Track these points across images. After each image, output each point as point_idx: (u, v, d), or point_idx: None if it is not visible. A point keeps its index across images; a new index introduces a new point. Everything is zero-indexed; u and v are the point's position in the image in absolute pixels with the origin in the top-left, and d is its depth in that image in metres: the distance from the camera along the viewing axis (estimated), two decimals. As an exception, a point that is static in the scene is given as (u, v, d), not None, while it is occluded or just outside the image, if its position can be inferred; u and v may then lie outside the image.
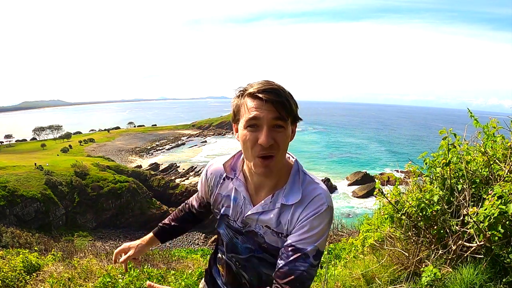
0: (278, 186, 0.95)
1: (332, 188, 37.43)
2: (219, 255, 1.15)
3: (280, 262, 0.89)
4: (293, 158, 0.99)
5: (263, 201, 0.95)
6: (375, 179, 2.47)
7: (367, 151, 63.12)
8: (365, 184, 37.70)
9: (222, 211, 1.05)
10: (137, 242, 1.25)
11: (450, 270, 1.90)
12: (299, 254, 0.87)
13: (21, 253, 3.68)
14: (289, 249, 0.89)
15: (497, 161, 2.03)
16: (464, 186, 2.01)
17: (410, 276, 2.15)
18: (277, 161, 0.89)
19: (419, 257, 2.19)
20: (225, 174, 1.03)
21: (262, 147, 0.85)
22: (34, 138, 72.88)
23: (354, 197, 35.95)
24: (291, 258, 0.87)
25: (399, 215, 2.18)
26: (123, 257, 1.23)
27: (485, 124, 2.19)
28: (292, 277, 0.86)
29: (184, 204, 1.30)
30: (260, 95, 0.85)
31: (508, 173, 1.89)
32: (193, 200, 1.26)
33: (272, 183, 0.95)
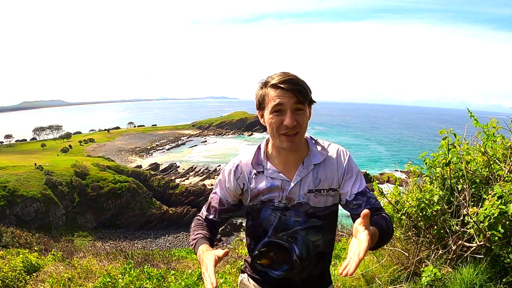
0: (303, 156, 1.13)
1: (332, 188, 37.40)
2: (256, 252, 1.20)
3: (361, 208, 1.09)
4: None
5: (297, 171, 1.12)
6: (375, 179, 2.47)
7: (367, 151, 63.10)
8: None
9: (264, 198, 1.13)
10: (210, 254, 1.00)
11: (450, 270, 1.91)
12: (366, 193, 1.12)
13: (21, 253, 3.69)
14: (359, 197, 1.11)
15: (497, 161, 2.03)
16: (464, 186, 2.01)
17: (410, 276, 2.15)
18: (301, 136, 1.08)
19: (419, 257, 2.19)
20: (254, 170, 1.14)
21: (287, 127, 1.03)
22: (34, 138, 72.82)
23: (354, 197, 35.93)
24: (366, 200, 1.11)
25: (399, 215, 2.18)
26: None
27: (485, 124, 2.19)
28: (378, 207, 1.13)
29: (200, 219, 1.27)
30: (282, 85, 1.02)
31: (508, 173, 1.89)
32: (209, 215, 1.25)
33: (297, 156, 1.13)
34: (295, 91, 1.02)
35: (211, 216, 1.24)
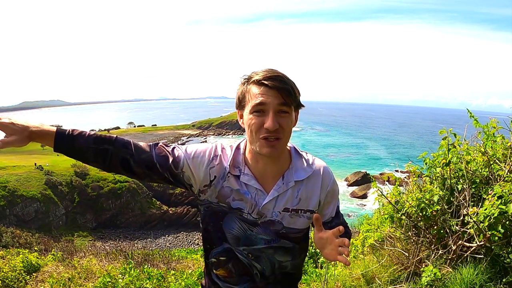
0: (284, 169, 1.01)
1: (332, 188, 37.28)
2: (213, 259, 1.07)
3: (333, 226, 1.04)
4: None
5: (275, 186, 0.99)
6: (375, 180, 2.47)
7: (367, 151, 63.06)
8: (365, 184, 37.67)
9: (233, 205, 1.00)
10: (28, 124, 0.94)
11: (450, 270, 1.91)
12: (339, 214, 1.11)
13: (21, 253, 3.68)
14: (335, 219, 1.09)
15: (497, 161, 2.03)
16: (464, 186, 2.01)
17: (410, 276, 2.15)
18: (283, 143, 0.94)
19: (419, 257, 2.19)
20: (229, 171, 0.99)
21: (268, 130, 0.89)
22: (34, 138, 72.79)
23: (354, 197, 35.93)
24: (338, 222, 1.09)
25: (399, 215, 2.18)
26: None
27: (485, 124, 2.19)
28: (345, 225, 1.13)
29: (128, 143, 0.98)
30: (266, 82, 0.89)
31: (508, 173, 1.89)
32: (150, 151, 0.99)
33: (276, 168, 1.00)
34: (281, 90, 0.89)
35: (156, 159, 0.97)
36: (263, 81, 0.89)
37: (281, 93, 0.89)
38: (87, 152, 0.96)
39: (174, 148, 1.02)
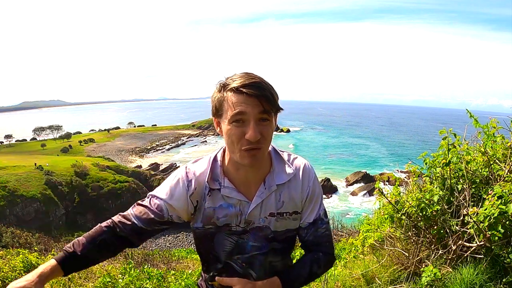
0: (265, 173, 0.99)
1: (332, 188, 37.37)
2: (214, 273, 1.07)
3: (306, 237, 1.04)
4: None
5: (258, 192, 0.98)
6: (375, 179, 2.47)
7: (367, 151, 63.07)
8: (365, 184, 37.68)
9: (220, 223, 0.99)
10: (32, 278, 0.85)
11: (450, 270, 1.91)
12: (317, 222, 1.03)
13: (21, 253, 3.68)
14: (311, 226, 1.02)
15: (497, 161, 2.03)
16: (464, 186, 2.01)
17: (410, 276, 2.15)
18: (264, 151, 0.92)
19: (419, 257, 2.19)
20: (209, 187, 0.97)
21: (249, 141, 0.86)
22: (34, 138, 72.81)
23: (354, 197, 35.94)
24: (313, 231, 1.03)
25: (399, 215, 2.18)
26: None
27: (485, 124, 2.19)
28: (320, 241, 1.04)
29: (110, 223, 0.99)
30: (245, 90, 0.85)
31: (508, 173, 1.89)
32: (138, 222, 0.97)
33: (257, 173, 0.98)
34: (260, 98, 0.85)
35: (139, 223, 0.97)
36: (241, 88, 0.85)
37: (261, 101, 0.85)
38: (92, 253, 0.96)
39: (150, 199, 0.99)
